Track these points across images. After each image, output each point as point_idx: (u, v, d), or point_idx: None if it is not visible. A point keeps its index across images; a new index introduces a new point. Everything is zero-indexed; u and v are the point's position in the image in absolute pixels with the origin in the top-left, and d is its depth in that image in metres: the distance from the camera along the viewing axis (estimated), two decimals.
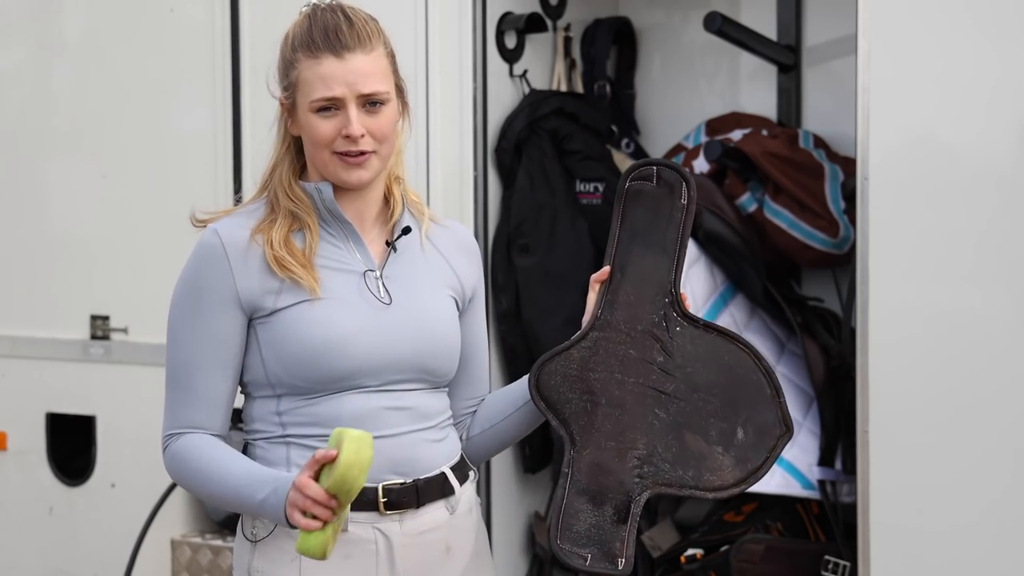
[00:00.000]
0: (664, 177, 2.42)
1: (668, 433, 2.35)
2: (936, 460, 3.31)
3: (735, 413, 2.35)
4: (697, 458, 2.34)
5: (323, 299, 2.31)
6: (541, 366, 2.39)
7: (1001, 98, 3.24)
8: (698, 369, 2.36)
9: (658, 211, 2.41)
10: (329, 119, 2.30)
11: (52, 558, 4.57)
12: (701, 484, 2.34)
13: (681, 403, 2.35)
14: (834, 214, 3.85)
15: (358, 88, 2.30)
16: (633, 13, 4.42)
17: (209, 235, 2.33)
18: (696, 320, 2.39)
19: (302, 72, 2.31)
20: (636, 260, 2.40)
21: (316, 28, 2.31)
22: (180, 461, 2.32)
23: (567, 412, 2.37)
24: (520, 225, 4.02)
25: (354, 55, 2.30)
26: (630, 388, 2.36)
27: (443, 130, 3.94)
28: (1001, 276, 3.25)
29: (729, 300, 3.94)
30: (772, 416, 2.35)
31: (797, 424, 3.87)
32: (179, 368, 2.33)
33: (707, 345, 2.37)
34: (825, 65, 4.15)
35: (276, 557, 2.32)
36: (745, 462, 2.34)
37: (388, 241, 2.39)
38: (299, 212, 2.34)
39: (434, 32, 3.92)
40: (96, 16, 4.48)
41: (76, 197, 4.53)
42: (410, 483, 2.35)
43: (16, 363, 4.61)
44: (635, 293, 2.39)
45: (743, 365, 2.37)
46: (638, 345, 2.37)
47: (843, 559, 3.64)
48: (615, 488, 2.34)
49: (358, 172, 2.33)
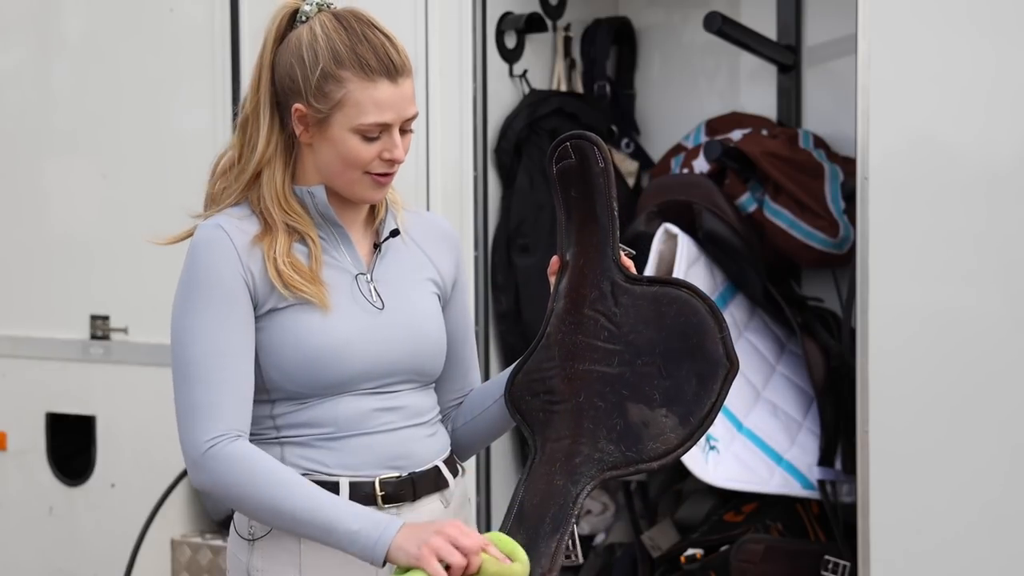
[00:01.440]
0: (577, 148, 2.33)
1: (612, 413, 2.27)
2: (936, 460, 3.31)
3: (678, 366, 2.26)
4: (640, 428, 2.26)
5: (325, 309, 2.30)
6: (512, 377, 2.36)
7: (1001, 98, 3.24)
8: (640, 332, 2.28)
9: (584, 185, 2.34)
10: (372, 142, 2.27)
11: (52, 558, 4.57)
12: (645, 455, 2.25)
13: (625, 375, 2.27)
14: (834, 214, 3.85)
15: (406, 113, 2.29)
16: (633, 13, 4.42)
17: (212, 228, 2.29)
18: (639, 279, 2.31)
19: (352, 92, 2.25)
20: (577, 241, 2.34)
21: (362, 46, 2.26)
22: (240, 462, 2.22)
23: (534, 420, 2.34)
24: (520, 225, 4.02)
25: (405, 81, 2.28)
26: (578, 377, 2.30)
27: (443, 130, 3.94)
28: (1000, 276, 3.25)
29: (729, 300, 3.94)
30: (716, 354, 2.24)
31: (797, 424, 3.88)
32: (203, 361, 2.25)
33: (649, 301, 2.29)
34: (825, 65, 4.15)
35: (275, 555, 2.32)
36: (689, 416, 2.24)
37: (376, 243, 2.39)
38: (297, 225, 2.31)
39: (434, 32, 3.92)
40: (96, 16, 4.48)
41: (76, 197, 4.53)
42: (406, 476, 2.35)
43: (16, 363, 4.61)
44: (578, 275, 2.33)
45: (685, 309, 2.27)
46: (585, 328, 2.31)
47: (843, 559, 3.64)
48: (559, 493, 2.26)
49: (384, 190, 2.33)
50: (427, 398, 2.42)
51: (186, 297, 2.29)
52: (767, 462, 3.77)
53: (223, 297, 2.26)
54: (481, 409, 2.49)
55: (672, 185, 4.00)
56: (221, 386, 2.25)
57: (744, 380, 3.85)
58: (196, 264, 2.29)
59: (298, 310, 2.29)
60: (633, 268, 2.34)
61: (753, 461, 3.75)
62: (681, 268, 3.77)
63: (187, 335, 2.27)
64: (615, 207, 2.33)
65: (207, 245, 2.28)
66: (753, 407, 3.84)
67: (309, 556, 2.30)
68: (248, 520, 2.34)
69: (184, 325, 2.28)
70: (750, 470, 3.74)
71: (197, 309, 2.27)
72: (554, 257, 2.37)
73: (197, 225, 2.34)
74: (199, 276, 2.28)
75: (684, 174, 4.07)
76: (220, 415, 2.25)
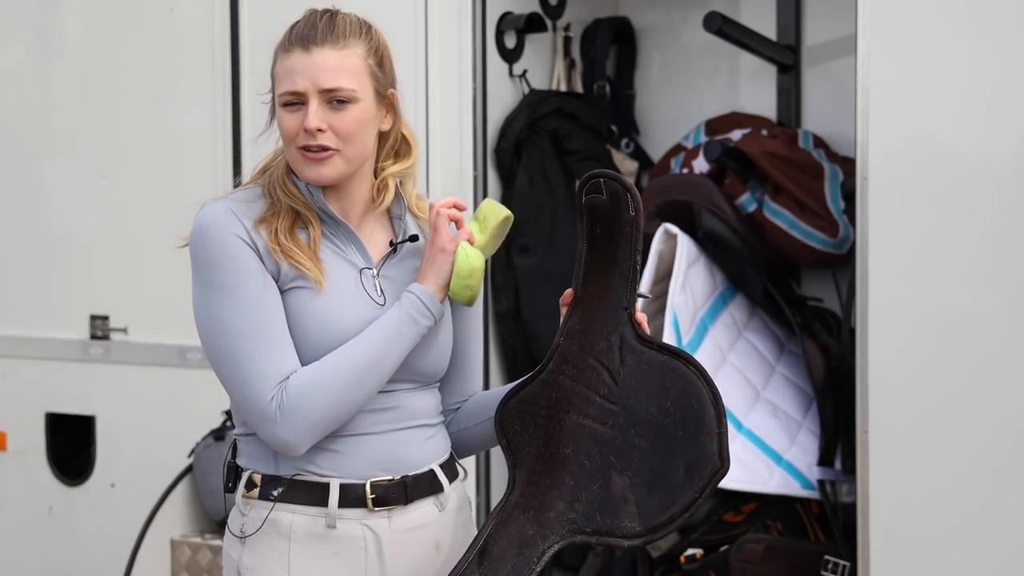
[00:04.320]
0: (610, 189, 2.28)
1: (596, 477, 2.24)
2: (936, 460, 3.31)
3: (670, 450, 2.22)
4: (620, 503, 2.23)
5: (324, 292, 2.30)
6: (506, 399, 2.34)
7: (1001, 98, 3.24)
8: (640, 400, 2.24)
9: (611, 226, 2.29)
10: (294, 113, 2.29)
11: (52, 558, 4.57)
12: (619, 531, 2.22)
13: (616, 439, 2.24)
14: (834, 214, 3.85)
15: (320, 82, 2.28)
16: (633, 13, 4.42)
17: (220, 210, 2.30)
18: (650, 341, 2.27)
19: (276, 67, 2.32)
20: (595, 280, 2.31)
21: (297, 25, 2.32)
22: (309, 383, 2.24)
23: (518, 452, 2.32)
24: (520, 225, 4.02)
25: (321, 49, 2.29)
26: (570, 427, 2.27)
27: (443, 130, 3.94)
28: (1001, 276, 3.25)
29: (729, 300, 3.94)
30: (708, 449, 2.20)
31: (797, 424, 3.88)
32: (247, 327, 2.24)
33: (655, 370, 2.25)
34: (825, 65, 4.15)
35: (264, 553, 2.32)
36: (670, 504, 2.21)
37: (392, 242, 2.39)
38: (300, 209, 2.33)
39: (434, 32, 3.92)
40: (95, 16, 4.48)
41: (76, 197, 4.53)
42: (398, 479, 2.34)
43: (16, 363, 4.61)
44: (590, 318, 2.30)
45: (688, 391, 2.23)
46: (586, 377, 2.28)
47: (843, 559, 3.64)
48: (526, 543, 2.25)
49: (318, 168, 2.30)
50: (427, 399, 2.41)
51: (203, 278, 2.28)
52: (767, 462, 3.77)
53: (246, 267, 2.27)
54: (476, 421, 2.49)
55: (672, 185, 4.00)
56: (269, 343, 2.25)
57: (744, 380, 3.85)
58: (204, 243, 2.28)
59: (298, 294, 2.29)
60: (646, 325, 2.31)
61: (753, 461, 3.75)
62: (681, 268, 3.77)
63: (218, 311, 2.26)
64: (639, 260, 2.29)
65: (214, 221, 2.28)
66: (753, 407, 3.84)
67: (297, 554, 2.30)
68: (239, 519, 2.35)
69: (213, 303, 2.27)
70: (750, 470, 3.73)
71: (223, 283, 2.26)
72: (568, 290, 2.35)
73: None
74: (210, 253, 2.27)
75: (684, 174, 4.07)
76: (269, 372, 2.25)
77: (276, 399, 2.24)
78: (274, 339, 2.25)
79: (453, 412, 2.51)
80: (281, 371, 2.25)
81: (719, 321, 3.86)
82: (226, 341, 2.26)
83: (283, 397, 2.24)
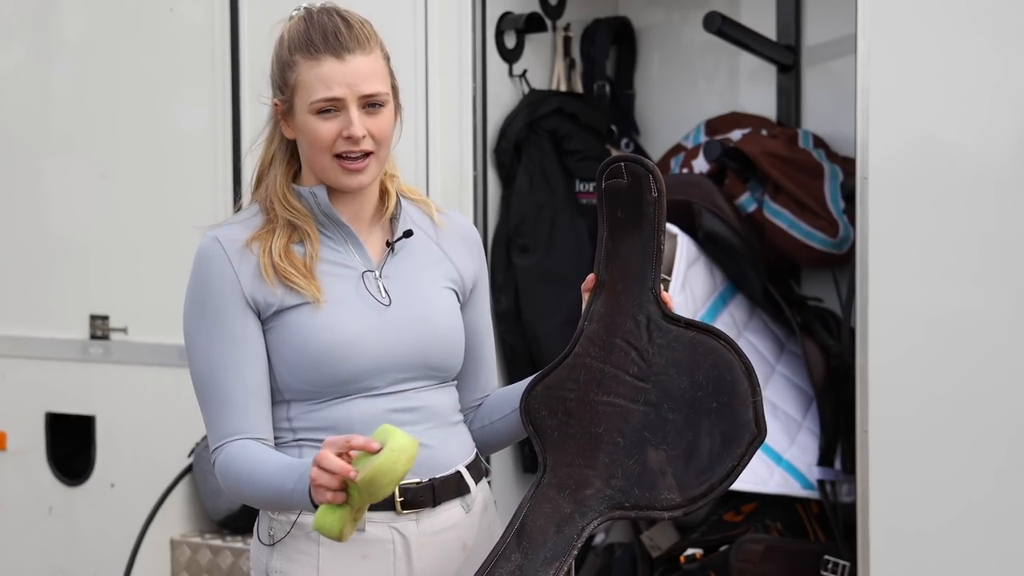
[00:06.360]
0: (632, 172, 2.32)
1: (632, 453, 2.25)
2: (936, 460, 3.31)
3: (704, 422, 2.23)
4: (657, 476, 2.24)
5: (324, 304, 2.31)
6: (531, 387, 2.35)
7: (1001, 98, 3.24)
8: (671, 376, 2.26)
9: (632, 209, 2.31)
10: (330, 120, 2.30)
11: (52, 558, 4.57)
12: (658, 503, 2.24)
13: (649, 416, 2.25)
14: (833, 214, 3.85)
15: (359, 89, 2.30)
16: (633, 13, 4.42)
17: (208, 242, 2.33)
18: (677, 319, 2.29)
19: (301, 74, 2.31)
20: (618, 264, 2.32)
21: (314, 30, 2.31)
22: (226, 473, 2.29)
23: (547, 437, 2.32)
24: (520, 225, 4.02)
25: (354, 56, 2.30)
26: (600, 407, 2.29)
27: (443, 130, 3.94)
28: (1001, 276, 3.25)
29: (729, 300, 3.94)
30: (745, 417, 2.23)
31: (796, 424, 3.88)
32: (206, 376, 2.31)
33: (685, 346, 2.27)
34: (825, 65, 4.15)
35: (294, 557, 2.33)
36: (707, 474, 2.23)
37: (388, 241, 2.40)
38: (297, 222, 2.34)
39: (434, 32, 3.92)
40: (95, 16, 4.48)
41: (75, 197, 4.53)
42: (426, 482, 2.35)
43: (16, 363, 4.61)
44: (615, 300, 2.31)
45: (720, 364, 2.25)
46: (614, 357, 2.29)
47: (843, 559, 3.64)
48: (564, 521, 2.25)
49: (358, 177, 2.32)
50: (447, 397, 2.42)
51: (188, 312, 2.35)
52: (766, 462, 3.77)
53: (216, 311, 2.31)
54: (500, 415, 2.49)
55: (672, 185, 3.99)
56: (221, 399, 2.31)
57: None
58: (194, 278, 2.35)
59: (303, 310, 2.31)
60: (672, 304, 2.32)
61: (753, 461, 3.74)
62: (681, 268, 3.77)
63: (191, 352, 2.34)
64: (663, 240, 2.31)
65: (203, 259, 2.34)
66: None
67: (327, 558, 2.31)
68: (267, 524, 2.37)
69: (189, 343, 2.35)
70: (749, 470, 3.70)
71: (197, 325, 2.33)
72: (590, 275, 2.36)
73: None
74: (196, 291, 2.34)
75: (684, 174, 4.07)
76: (220, 427, 2.31)
77: (216, 454, 2.32)
78: (228, 397, 2.30)
79: (474, 410, 2.52)
80: (228, 432, 2.31)
81: (719, 321, 3.86)
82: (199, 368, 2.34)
83: (218, 457, 2.31)
